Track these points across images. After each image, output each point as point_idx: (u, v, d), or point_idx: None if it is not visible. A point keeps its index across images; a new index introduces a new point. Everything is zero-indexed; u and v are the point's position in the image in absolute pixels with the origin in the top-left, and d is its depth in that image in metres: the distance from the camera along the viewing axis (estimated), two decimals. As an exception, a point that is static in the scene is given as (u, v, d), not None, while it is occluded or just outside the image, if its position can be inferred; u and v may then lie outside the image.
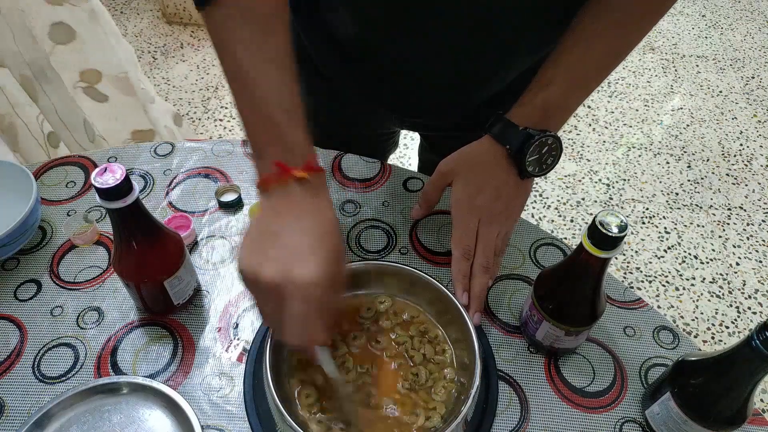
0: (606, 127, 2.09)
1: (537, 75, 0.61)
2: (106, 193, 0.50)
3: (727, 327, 1.53)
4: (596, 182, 1.90)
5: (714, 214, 1.81)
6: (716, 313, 1.56)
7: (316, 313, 0.47)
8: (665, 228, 1.77)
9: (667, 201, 1.85)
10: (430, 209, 0.67)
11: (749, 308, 1.57)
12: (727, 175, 1.93)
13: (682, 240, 1.74)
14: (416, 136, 1.03)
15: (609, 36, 0.59)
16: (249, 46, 0.51)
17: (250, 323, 0.64)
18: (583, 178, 1.91)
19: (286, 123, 0.51)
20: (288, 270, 0.46)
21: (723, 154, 2.00)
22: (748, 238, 1.74)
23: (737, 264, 1.68)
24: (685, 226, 1.78)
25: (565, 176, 1.92)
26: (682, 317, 1.55)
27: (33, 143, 1.29)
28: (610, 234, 0.47)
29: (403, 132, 1.04)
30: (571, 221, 1.78)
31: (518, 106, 0.61)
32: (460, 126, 0.76)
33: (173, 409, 0.57)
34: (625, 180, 1.91)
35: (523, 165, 0.60)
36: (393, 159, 1.07)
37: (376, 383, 0.57)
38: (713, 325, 1.54)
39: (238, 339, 0.63)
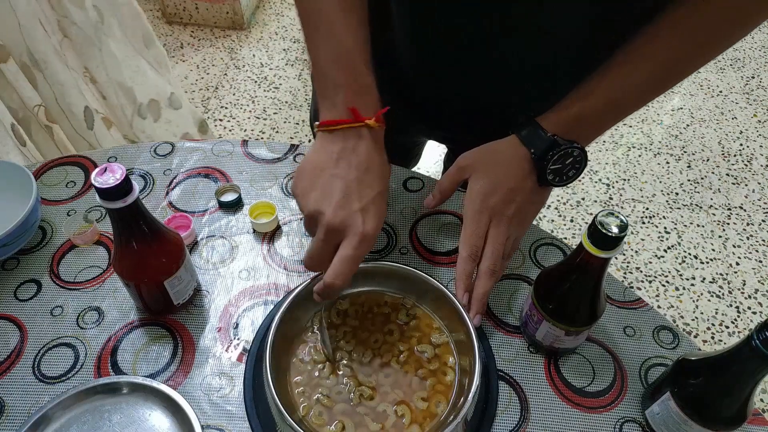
0: (606, 127, 2.09)
1: (579, 85, 0.59)
2: (106, 193, 0.50)
3: (727, 327, 1.53)
4: (596, 182, 1.90)
5: (714, 214, 1.81)
6: (716, 313, 1.56)
7: (359, 261, 0.52)
8: (665, 228, 1.77)
9: (667, 201, 1.85)
10: (443, 201, 0.66)
11: (749, 308, 1.57)
12: (727, 175, 1.93)
13: (682, 240, 1.74)
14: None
15: (659, 60, 0.57)
16: None
17: (250, 323, 0.64)
18: (583, 178, 1.91)
19: (363, 67, 0.55)
20: (353, 219, 0.52)
21: (723, 154, 2.00)
22: (748, 238, 1.74)
23: (737, 264, 1.68)
24: (685, 226, 1.78)
25: (565, 176, 1.92)
26: (682, 317, 1.55)
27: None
28: (610, 234, 0.47)
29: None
30: (571, 221, 1.78)
31: (551, 112, 0.60)
32: (487, 136, 0.75)
33: (173, 409, 0.56)
34: (625, 180, 1.91)
35: (544, 172, 0.59)
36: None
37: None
38: (713, 325, 1.54)
39: (238, 339, 0.63)
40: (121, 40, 1.34)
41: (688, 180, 1.91)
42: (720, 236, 1.75)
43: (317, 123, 0.56)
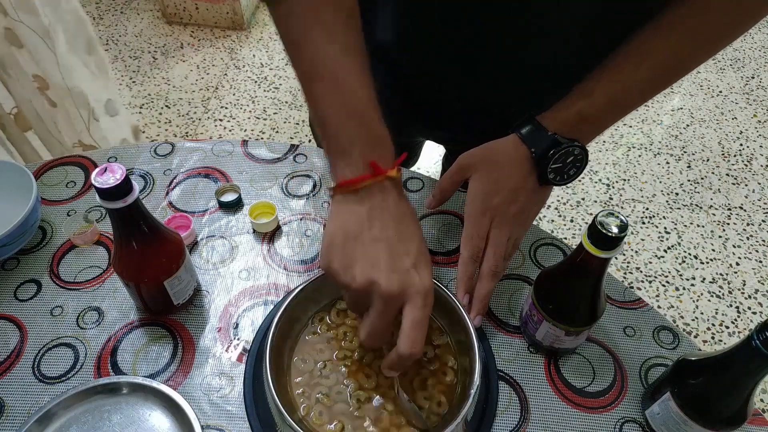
0: (606, 127, 2.09)
1: (580, 83, 0.59)
2: (106, 193, 0.50)
3: (727, 327, 1.53)
4: (596, 182, 1.90)
5: (714, 214, 1.81)
6: (716, 313, 1.56)
7: (428, 320, 0.49)
8: (665, 228, 1.77)
9: (667, 201, 1.85)
10: (443, 201, 0.66)
11: (749, 308, 1.57)
12: (727, 175, 1.93)
13: (682, 240, 1.74)
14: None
15: (660, 58, 0.57)
16: (332, 38, 0.51)
17: (250, 323, 0.64)
18: (583, 178, 1.91)
19: (375, 118, 0.52)
20: (410, 279, 0.48)
21: (723, 154, 2.00)
22: (748, 238, 1.74)
23: (737, 264, 1.68)
24: (685, 226, 1.78)
25: (565, 176, 1.92)
26: (682, 317, 1.55)
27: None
28: (610, 234, 0.47)
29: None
30: (571, 221, 1.78)
31: (552, 111, 0.60)
32: (487, 136, 0.75)
33: (173, 409, 0.56)
34: (625, 180, 1.91)
35: (545, 171, 0.59)
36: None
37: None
38: (713, 325, 1.54)
39: (238, 339, 0.63)
40: (66, 46, 1.33)
41: (688, 180, 1.91)
42: (720, 236, 1.75)
43: (332, 186, 0.52)
